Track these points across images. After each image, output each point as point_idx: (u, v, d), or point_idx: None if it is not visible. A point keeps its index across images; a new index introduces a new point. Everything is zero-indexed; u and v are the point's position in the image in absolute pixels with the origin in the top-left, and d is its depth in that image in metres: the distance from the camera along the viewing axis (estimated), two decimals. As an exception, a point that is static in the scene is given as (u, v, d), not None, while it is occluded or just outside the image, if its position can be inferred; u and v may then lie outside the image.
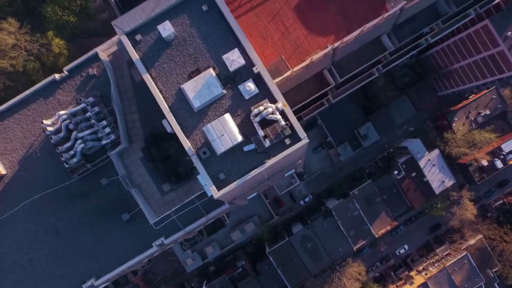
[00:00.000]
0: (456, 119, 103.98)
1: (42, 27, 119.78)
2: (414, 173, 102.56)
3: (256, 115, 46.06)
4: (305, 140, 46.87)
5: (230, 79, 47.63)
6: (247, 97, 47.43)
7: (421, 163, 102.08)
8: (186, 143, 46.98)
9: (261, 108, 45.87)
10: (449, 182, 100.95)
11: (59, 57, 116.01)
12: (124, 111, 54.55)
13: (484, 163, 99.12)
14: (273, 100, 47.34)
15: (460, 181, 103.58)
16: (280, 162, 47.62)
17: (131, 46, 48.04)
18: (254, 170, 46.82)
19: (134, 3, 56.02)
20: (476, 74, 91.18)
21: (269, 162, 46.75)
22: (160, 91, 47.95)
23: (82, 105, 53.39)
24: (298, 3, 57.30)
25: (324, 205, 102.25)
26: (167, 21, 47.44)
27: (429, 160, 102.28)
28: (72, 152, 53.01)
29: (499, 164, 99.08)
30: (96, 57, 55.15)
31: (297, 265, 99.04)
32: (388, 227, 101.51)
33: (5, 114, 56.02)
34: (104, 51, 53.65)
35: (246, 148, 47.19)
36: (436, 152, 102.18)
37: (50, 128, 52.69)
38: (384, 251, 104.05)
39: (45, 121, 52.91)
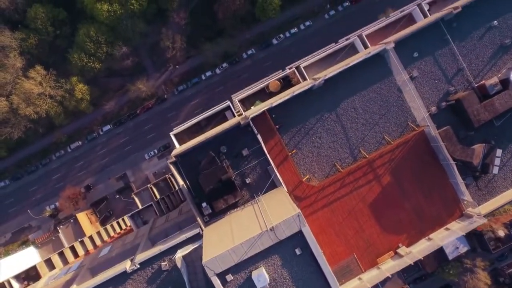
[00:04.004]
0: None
1: (66, 70, 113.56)
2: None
3: None
4: None
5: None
6: None
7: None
8: None
9: None
10: (463, 249, 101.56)
11: (81, 102, 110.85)
12: (196, 308, 52.22)
13: (501, 233, 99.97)
14: None
15: (473, 243, 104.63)
16: None
17: (221, 286, 44.94)
18: None
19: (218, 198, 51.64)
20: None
21: None
22: (248, 331, 45.76)
23: (156, 308, 50.64)
24: (374, 199, 54.33)
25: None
26: (262, 269, 44.51)
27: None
28: None
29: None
30: (168, 251, 51.52)
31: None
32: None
33: (73, 301, 52.70)
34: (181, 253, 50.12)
35: None
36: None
37: (124, 333, 50.19)
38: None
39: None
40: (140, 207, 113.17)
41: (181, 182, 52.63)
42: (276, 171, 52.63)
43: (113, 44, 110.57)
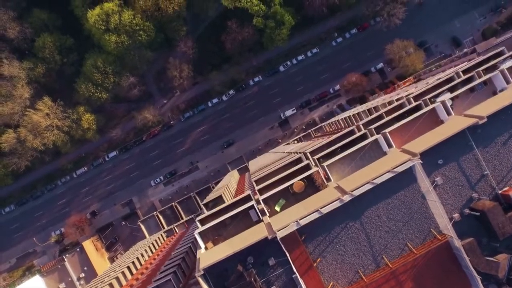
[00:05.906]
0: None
1: (72, 98, 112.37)
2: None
3: None
4: None
5: None
6: None
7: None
8: None
9: None
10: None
11: (88, 131, 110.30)
12: None
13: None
14: None
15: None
16: None
17: None
18: None
19: None
20: None
21: None
22: None
23: None
24: (393, 302, 54.95)
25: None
26: None
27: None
28: None
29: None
30: None
31: None
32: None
33: None
34: None
35: None
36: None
37: None
38: None
39: None
40: (147, 235, 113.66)
41: (207, 292, 52.55)
42: (300, 280, 52.85)
43: (120, 74, 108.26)
